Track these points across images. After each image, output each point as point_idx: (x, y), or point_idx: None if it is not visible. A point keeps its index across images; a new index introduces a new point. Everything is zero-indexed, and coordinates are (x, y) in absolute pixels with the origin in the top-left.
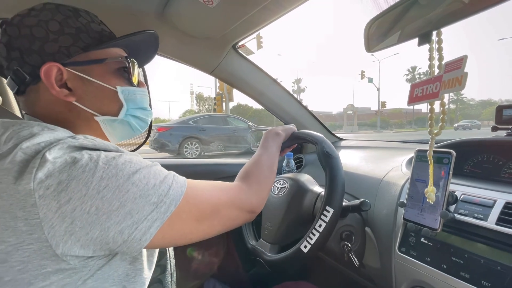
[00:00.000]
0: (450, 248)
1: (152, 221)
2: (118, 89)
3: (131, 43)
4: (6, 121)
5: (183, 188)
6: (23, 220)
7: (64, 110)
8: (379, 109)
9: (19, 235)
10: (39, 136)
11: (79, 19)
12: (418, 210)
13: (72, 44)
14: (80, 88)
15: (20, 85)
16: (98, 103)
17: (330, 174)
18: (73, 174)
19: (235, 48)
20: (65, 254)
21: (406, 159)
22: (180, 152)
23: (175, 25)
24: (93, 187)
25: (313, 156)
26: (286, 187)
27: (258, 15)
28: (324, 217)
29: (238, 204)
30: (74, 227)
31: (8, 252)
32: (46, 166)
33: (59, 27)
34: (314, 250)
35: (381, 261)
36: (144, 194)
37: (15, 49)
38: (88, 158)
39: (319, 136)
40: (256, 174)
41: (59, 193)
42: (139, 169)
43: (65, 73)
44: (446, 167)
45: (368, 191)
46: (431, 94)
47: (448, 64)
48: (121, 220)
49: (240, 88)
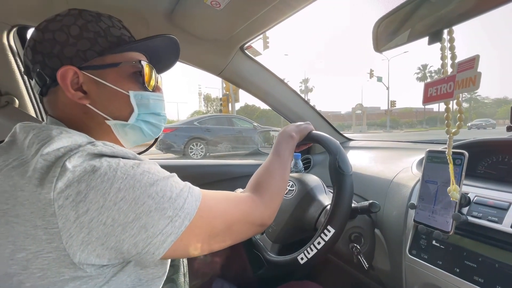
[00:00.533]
0: (463, 252)
1: (166, 236)
2: (130, 93)
3: (150, 48)
4: (26, 125)
5: (197, 202)
6: (43, 229)
7: (79, 112)
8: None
9: (39, 243)
10: (57, 140)
11: (99, 24)
12: (429, 212)
13: (89, 48)
14: (94, 91)
15: (42, 87)
16: (110, 106)
17: (338, 192)
18: (92, 184)
19: (242, 49)
20: (82, 263)
21: (417, 160)
22: (186, 152)
23: (183, 27)
24: (110, 198)
25: (321, 156)
26: (294, 190)
27: (265, 16)
28: (324, 236)
29: (250, 219)
30: (90, 237)
31: (29, 260)
32: (66, 175)
33: (78, 32)
34: (310, 264)
35: (391, 263)
36: (160, 208)
37: (39, 53)
38: (107, 166)
39: (335, 145)
40: (269, 184)
41: (78, 204)
42: (156, 180)
43: (81, 76)
44: (458, 168)
45: (378, 193)
46: (446, 94)
47: (461, 64)
48: (136, 233)
49: (248, 89)
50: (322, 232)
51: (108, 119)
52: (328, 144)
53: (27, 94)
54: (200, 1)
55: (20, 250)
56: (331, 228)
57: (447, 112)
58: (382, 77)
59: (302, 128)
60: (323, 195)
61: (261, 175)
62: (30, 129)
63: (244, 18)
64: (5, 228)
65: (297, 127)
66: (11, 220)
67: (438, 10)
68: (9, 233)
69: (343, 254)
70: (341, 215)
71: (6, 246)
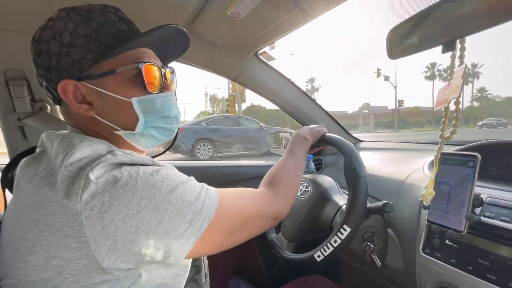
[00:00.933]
0: (475, 250)
1: (187, 238)
2: (133, 100)
3: (154, 40)
4: (51, 134)
5: (215, 204)
6: (73, 238)
7: (89, 123)
8: (396, 107)
9: (70, 251)
10: (79, 149)
11: (90, 24)
12: (442, 212)
13: (83, 57)
14: (97, 102)
15: (53, 99)
16: (116, 116)
17: (353, 193)
18: (115, 195)
19: (256, 55)
20: (110, 268)
21: (428, 161)
22: (193, 153)
23: (202, 36)
24: (133, 208)
25: (333, 157)
26: (309, 191)
27: (283, 25)
28: (340, 234)
29: (265, 213)
30: (116, 245)
31: (62, 266)
32: (90, 187)
33: (70, 39)
34: (326, 261)
35: (404, 262)
36: (180, 213)
37: (40, 67)
38: (127, 175)
39: (349, 147)
40: (282, 180)
41: (103, 214)
42: (176, 186)
43: (81, 88)
44: (471, 170)
45: (390, 193)
46: (445, 99)
47: (456, 72)
48: (158, 238)
49: (262, 93)
50: (339, 231)
51: (117, 129)
52: (343, 147)
53: None
54: (221, 12)
55: (53, 257)
56: (347, 227)
57: (444, 117)
58: (389, 76)
59: (316, 131)
60: (337, 195)
61: (276, 171)
62: (54, 138)
63: (262, 27)
64: (39, 237)
65: (311, 130)
66: (43, 229)
67: (452, 20)
68: (42, 241)
69: (356, 252)
70: (357, 215)
71: (41, 254)
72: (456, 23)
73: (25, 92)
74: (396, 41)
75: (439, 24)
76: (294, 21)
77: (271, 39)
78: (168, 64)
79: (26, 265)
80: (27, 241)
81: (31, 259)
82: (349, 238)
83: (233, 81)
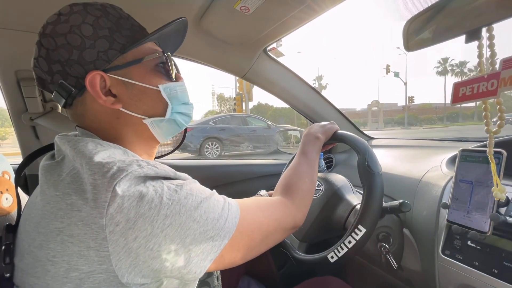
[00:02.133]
0: (501, 252)
1: (206, 255)
2: (160, 87)
3: (162, 36)
4: (61, 138)
5: (236, 219)
6: (95, 251)
7: (112, 119)
8: (407, 104)
9: (91, 264)
10: (96, 154)
11: (109, 17)
12: (464, 212)
13: (109, 47)
14: (124, 93)
15: (67, 98)
16: (143, 106)
17: (368, 192)
18: (140, 211)
19: (265, 51)
20: (129, 283)
21: (446, 158)
22: (201, 152)
23: (210, 32)
24: (157, 225)
25: (344, 155)
26: (321, 189)
27: (292, 19)
28: (355, 235)
29: (284, 225)
30: (138, 261)
31: (82, 279)
32: (116, 201)
33: (92, 31)
34: (340, 262)
35: (422, 264)
36: (204, 230)
37: (56, 62)
38: (153, 191)
39: (363, 145)
40: (299, 187)
41: (127, 231)
42: (200, 203)
43: (107, 80)
44: (496, 167)
45: (406, 192)
46: (486, 92)
47: (506, 61)
48: (179, 255)
49: (271, 90)
50: (353, 231)
51: (144, 118)
52: (356, 144)
53: None
54: (230, 7)
55: (73, 270)
56: (362, 227)
57: (485, 111)
58: (399, 72)
59: (328, 129)
60: (351, 194)
61: (290, 177)
62: (66, 141)
63: (271, 22)
64: (60, 247)
65: (322, 128)
66: (66, 240)
67: (476, 6)
68: (64, 252)
69: (370, 253)
70: (372, 215)
71: (61, 265)
72: (479, 10)
73: (36, 92)
74: (413, 32)
75: (460, 13)
76: (303, 15)
77: (280, 35)
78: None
79: (46, 275)
80: (48, 250)
81: (51, 270)
82: (364, 238)
83: (242, 78)
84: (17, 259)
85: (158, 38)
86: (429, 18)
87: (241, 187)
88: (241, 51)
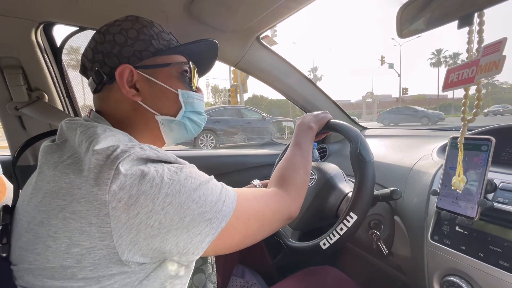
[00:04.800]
0: (487, 237)
1: (204, 236)
2: (179, 91)
3: (193, 52)
4: (72, 121)
5: (233, 204)
6: (97, 227)
7: (129, 108)
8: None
9: (92, 240)
10: (104, 139)
11: (153, 29)
12: (452, 198)
13: (145, 49)
14: (146, 89)
15: (98, 84)
16: (159, 103)
17: (360, 180)
18: (142, 189)
19: (258, 39)
20: (128, 260)
21: (437, 147)
22: (196, 144)
23: (201, 19)
24: (158, 203)
25: (337, 145)
26: (314, 178)
27: (284, 5)
28: (346, 222)
29: (279, 216)
30: (138, 238)
31: (82, 255)
32: (119, 179)
33: (136, 34)
34: (332, 249)
35: (412, 249)
36: (202, 211)
37: (99, 52)
38: (154, 171)
39: (355, 133)
40: (293, 178)
41: (129, 207)
42: (199, 185)
43: (135, 75)
44: (484, 154)
45: (397, 180)
46: (467, 79)
47: (486, 48)
48: (178, 234)
49: (264, 80)
50: (345, 219)
51: (157, 114)
52: (349, 133)
53: (55, 90)
54: None
55: (75, 245)
56: (354, 214)
57: (465, 99)
58: (393, 63)
59: (321, 118)
60: (343, 183)
61: (285, 169)
62: (77, 126)
63: (263, 8)
64: (62, 223)
65: (315, 117)
66: (68, 216)
67: None
68: (66, 228)
69: (362, 240)
70: (363, 202)
71: (63, 241)
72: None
73: (21, 80)
74: (406, 19)
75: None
76: (293, 4)
77: (273, 21)
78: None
79: (47, 251)
80: (49, 226)
81: (52, 245)
82: (355, 226)
83: (235, 67)
84: (14, 239)
85: (189, 55)
86: (422, 4)
87: (235, 177)
88: (234, 39)
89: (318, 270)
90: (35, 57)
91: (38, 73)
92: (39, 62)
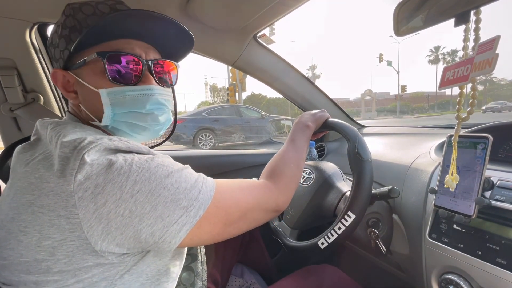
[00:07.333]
0: (485, 235)
1: (181, 225)
2: (101, 91)
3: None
4: (44, 121)
5: (211, 192)
6: (66, 219)
7: (79, 111)
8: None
9: (62, 232)
10: (72, 133)
11: (77, 15)
12: (450, 196)
13: (65, 47)
14: (79, 91)
15: None
16: (92, 107)
17: (358, 179)
18: (109, 177)
19: (255, 38)
20: (103, 251)
21: (435, 145)
22: (195, 143)
23: (198, 18)
24: (127, 191)
25: (335, 144)
26: (312, 178)
27: (281, 2)
28: (344, 221)
29: (265, 206)
30: (110, 228)
31: (55, 247)
32: (85, 168)
33: (61, 30)
34: (330, 249)
35: (410, 248)
36: (175, 199)
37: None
38: (122, 160)
39: (353, 132)
40: (283, 171)
41: (96, 196)
42: (171, 172)
43: (67, 77)
44: (482, 152)
45: (395, 179)
46: (462, 77)
47: (481, 45)
48: (152, 223)
49: (261, 79)
50: (343, 218)
51: (94, 120)
52: (347, 132)
53: (51, 92)
54: None
55: (46, 238)
56: (352, 213)
57: (460, 97)
58: (392, 61)
59: (318, 117)
60: (341, 182)
61: (276, 162)
62: (48, 124)
63: (260, 6)
64: (32, 218)
65: (313, 116)
66: (37, 210)
67: None
68: (35, 222)
69: (361, 239)
70: (361, 201)
71: (33, 234)
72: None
73: (15, 82)
74: (403, 17)
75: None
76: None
77: (271, 20)
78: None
79: (19, 246)
80: (20, 221)
81: (23, 240)
82: (353, 224)
83: (232, 66)
84: None
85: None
86: (419, 2)
87: (233, 177)
88: (231, 37)
89: (317, 268)
90: (30, 58)
91: (33, 74)
92: (34, 63)
